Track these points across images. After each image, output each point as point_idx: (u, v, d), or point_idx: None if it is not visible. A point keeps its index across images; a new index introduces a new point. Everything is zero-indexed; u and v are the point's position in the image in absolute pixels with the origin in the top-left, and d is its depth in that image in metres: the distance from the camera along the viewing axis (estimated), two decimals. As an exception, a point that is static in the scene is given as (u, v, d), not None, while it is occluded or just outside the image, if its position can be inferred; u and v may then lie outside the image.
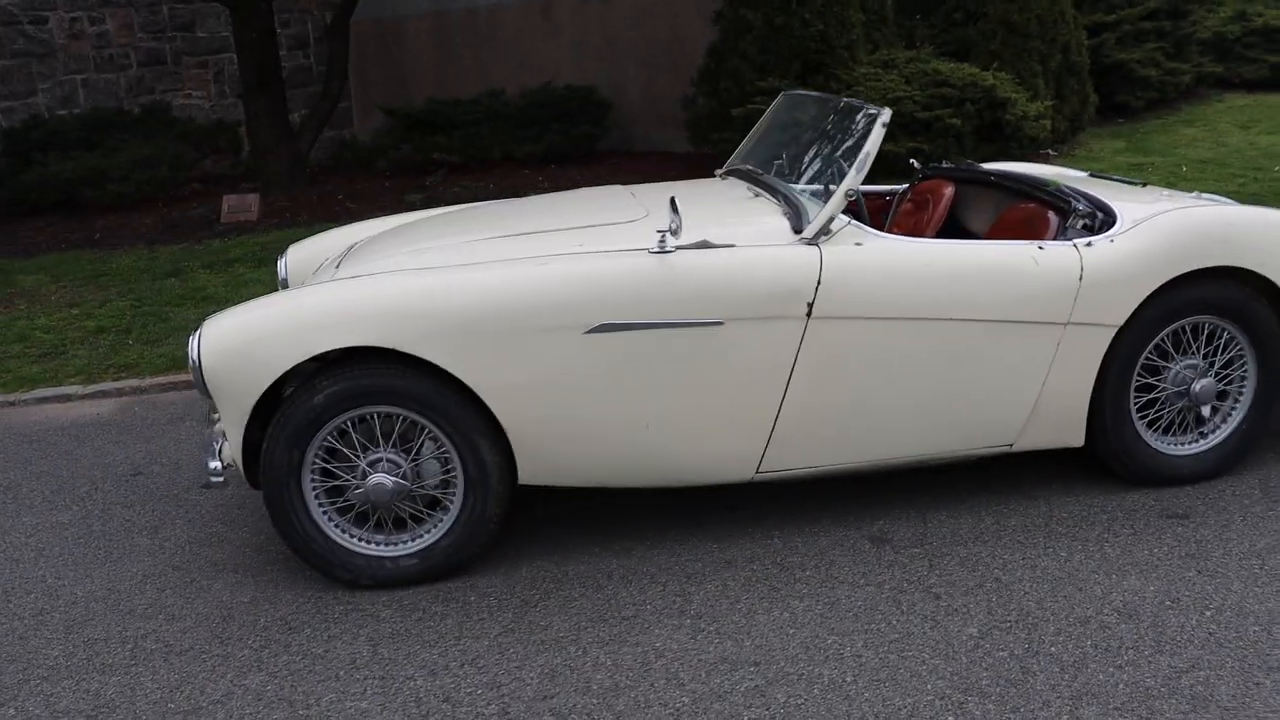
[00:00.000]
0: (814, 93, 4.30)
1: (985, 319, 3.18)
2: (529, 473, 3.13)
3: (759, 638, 2.79)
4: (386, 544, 3.14)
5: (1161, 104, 10.50)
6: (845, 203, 3.15)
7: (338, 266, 3.46)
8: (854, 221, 3.22)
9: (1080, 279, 3.21)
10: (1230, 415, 3.48)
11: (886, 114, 3.22)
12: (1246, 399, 3.45)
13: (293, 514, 3.05)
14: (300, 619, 2.99)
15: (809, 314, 3.06)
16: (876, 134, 3.19)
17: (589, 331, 2.98)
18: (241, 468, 3.10)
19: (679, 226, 3.02)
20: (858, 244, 3.15)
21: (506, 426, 3.03)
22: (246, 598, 3.13)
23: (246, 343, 2.97)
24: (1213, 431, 3.49)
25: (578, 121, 10.01)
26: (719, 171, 4.15)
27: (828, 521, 3.40)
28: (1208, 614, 2.76)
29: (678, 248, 3.06)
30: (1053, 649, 2.66)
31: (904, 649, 2.71)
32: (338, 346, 2.92)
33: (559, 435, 3.07)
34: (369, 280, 3.08)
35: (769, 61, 8.30)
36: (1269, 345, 3.41)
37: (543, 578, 3.16)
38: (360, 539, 3.13)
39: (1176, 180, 7.65)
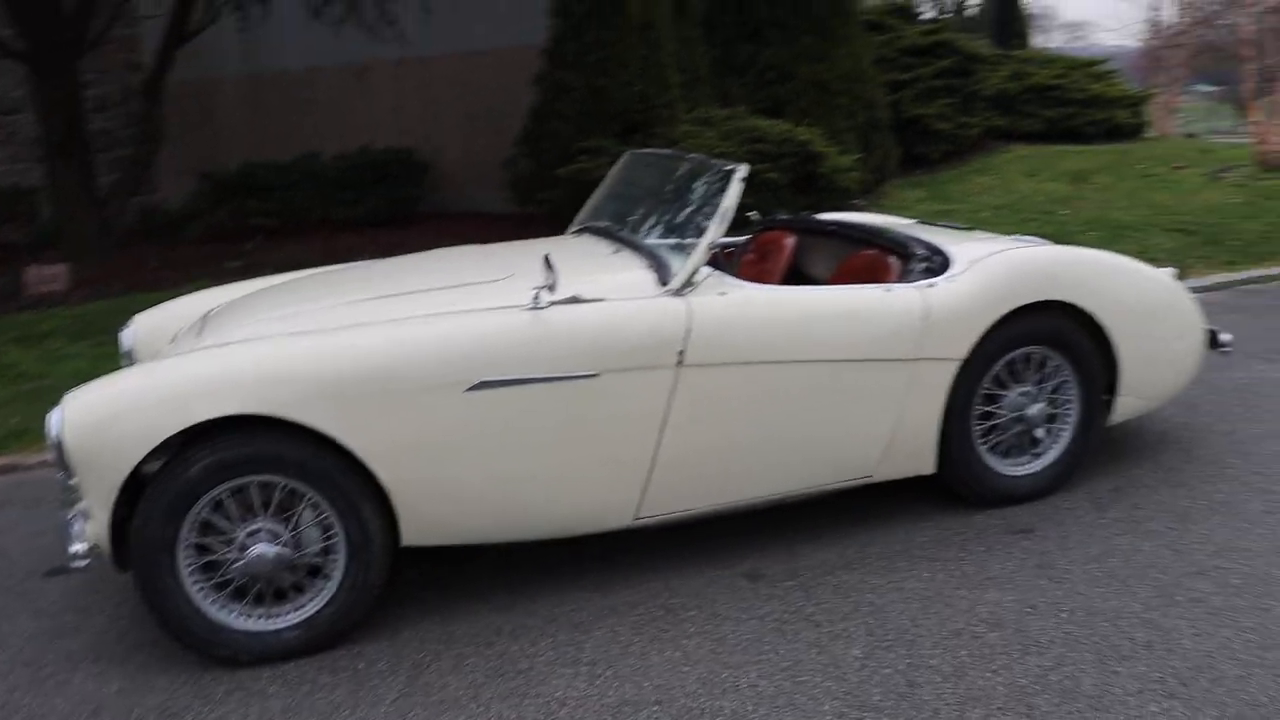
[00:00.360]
0: (663, 150, 4.47)
1: (842, 359, 3.39)
2: (412, 534, 3.10)
3: (656, 678, 2.85)
4: (267, 617, 3.03)
5: (955, 155, 11.40)
6: (709, 255, 3.31)
7: (200, 335, 3.35)
8: (716, 272, 3.38)
9: (925, 318, 3.47)
10: (1060, 436, 3.81)
11: (744, 169, 3.41)
12: (1073, 421, 3.80)
13: (168, 593, 2.91)
14: (179, 705, 2.84)
15: (680, 362, 3.18)
16: (735, 188, 3.37)
17: (470, 389, 3.00)
18: (109, 549, 2.93)
19: (555, 283, 3.10)
20: (721, 293, 3.31)
21: (390, 489, 3.00)
22: (114, 688, 2.94)
23: (114, 415, 2.83)
24: (1046, 452, 3.81)
25: (397, 184, 9.95)
26: (571, 229, 4.24)
27: (702, 562, 3.50)
28: (1063, 616, 3.02)
29: (551, 303, 3.13)
30: (932, 661, 2.84)
31: (796, 675, 2.82)
32: (216, 415, 2.83)
33: (443, 495, 3.07)
34: (245, 346, 3.00)
35: (590, 122, 8.53)
36: (1089, 371, 3.77)
37: (429, 639, 3.12)
38: (239, 614, 3.01)
39: (976, 225, 8.29)
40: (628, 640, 3.06)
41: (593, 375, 3.11)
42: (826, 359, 3.37)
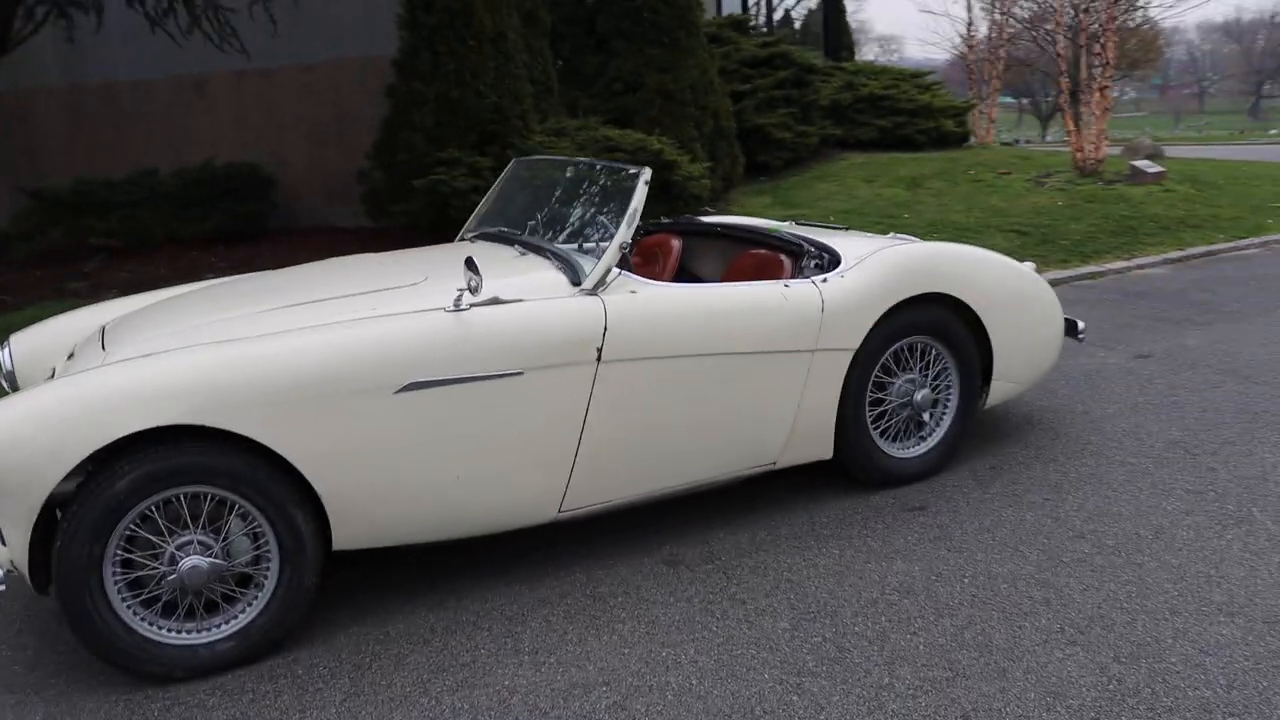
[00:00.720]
0: (551, 157, 4.57)
1: (747, 351, 3.58)
2: (344, 538, 3.09)
3: (599, 660, 2.95)
4: (199, 630, 2.96)
5: (796, 163, 11.92)
6: (620, 255, 3.44)
7: (104, 349, 3.23)
8: (624, 272, 3.51)
9: (822, 310, 3.70)
10: (943, 420, 4.12)
11: (647, 173, 3.56)
12: (954, 405, 4.11)
13: (95, 613, 2.81)
14: (114, 728, 2.76)
15: (599, 359, 3.29)
16: (641, 191, 3.51)
17: (399, 391, 3.03)
18: (26, 572, 2.81)
19: (479, 285, 3.16)
20: (632, 291, 3.43)
21: (322, 493, 2.99)
22: (38, 717, 2.82)
23: (32, 433, 2.71)
24: (930, 435, 4.11)
25: (243, 199, 9.64)
26: (463, 235, 4.26)
27: (622, 551, 3.62)
28: (966, 581, 3.29)
29: (472, 305, 3.19)
30: (856, 628, 3.04)
31: (731, 649, 2.98)
32: (149, 426, 2.75)
33: (374, 497, 3.07)
34: (171, 356, 2.92)
35: (445, 133, 8.52)
36: (967, 358, 4.09)
37: (366, 641, 3.12)
38: (169, 629, 2.93)
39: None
40: (563, 629, 3.14)
41: (517, 374, 3.18)
42: (733, 351, 3.55)
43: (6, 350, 3.81)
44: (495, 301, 3.24)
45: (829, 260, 3.95)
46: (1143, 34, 27.47)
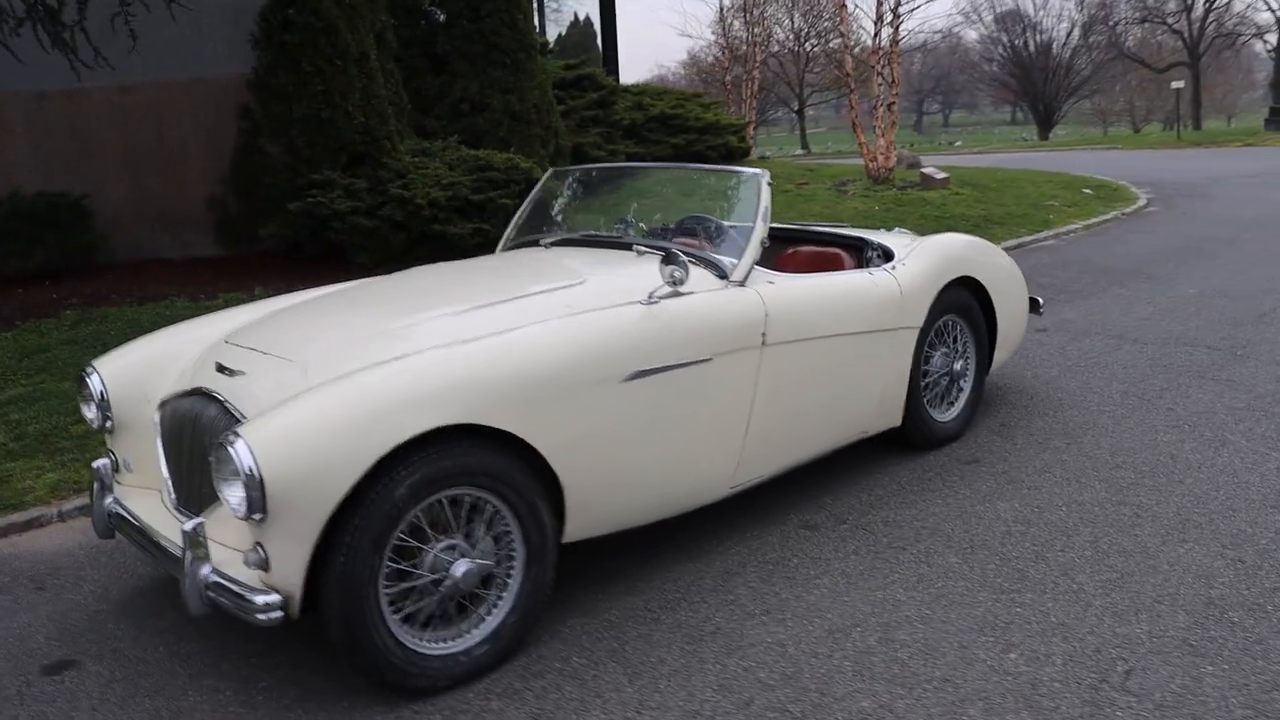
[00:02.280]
0: (584, 166, 4.74)
1: (856, 331, 3.99)
2: (574, 529, 3.18)
3: (829, 610, 3.23)
4: (455, 638, 2.95)
5: (611, 181, 12.39)
6: (760, 251, 3.73)
7: (278, 357, 3.10)
8: (758, 265, 3.80)
9: (900, 293, 4.17)
10: (963, 387, 4.70)
11: (767, 175, 3.88)
12: (972, 373, 4.71)
13: (374, 630, 2.75)
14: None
15: (763, 343, 3.58)
16: (768, 191, 3.82)
17: (626, 380, 3.18)
18: (299, 593, 2.70)
19: (684, 278, 3.35)
20: (770, 282, 3.75)
21: (565, 484, 3.07)
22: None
23: (319, 443, 2.63)
24: (957, 400, 4.67)
25: (69, 232, 8.79)
26: (544, 241, 4.32)
27: (758, 525, 3.87)
28: (1064, 509, 3.89)
29: (661, 298, 3.38)
30: (1014, 555, 3.54)
31: (931, 584, 3.36)
32: (427, 428, 2.74)
33: (603, 485, 3.19)
34: (428, 357, 2.90)
35: (316, 154, 8.28)
36: (980, 331, 4.70)
37: (594, 629, 3.20)
38: (429, 640, 2.90)
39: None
40: (770, 591, 3.39)
41: (707, 360, 3.41)
42: (847, 332, 3.95)
43: (96, 376, 3.54)
44: (675, 294, 3.43)
45: (884, 252, 4.42)
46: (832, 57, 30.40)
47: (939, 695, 2.78)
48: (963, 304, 4.59)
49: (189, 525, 2.78)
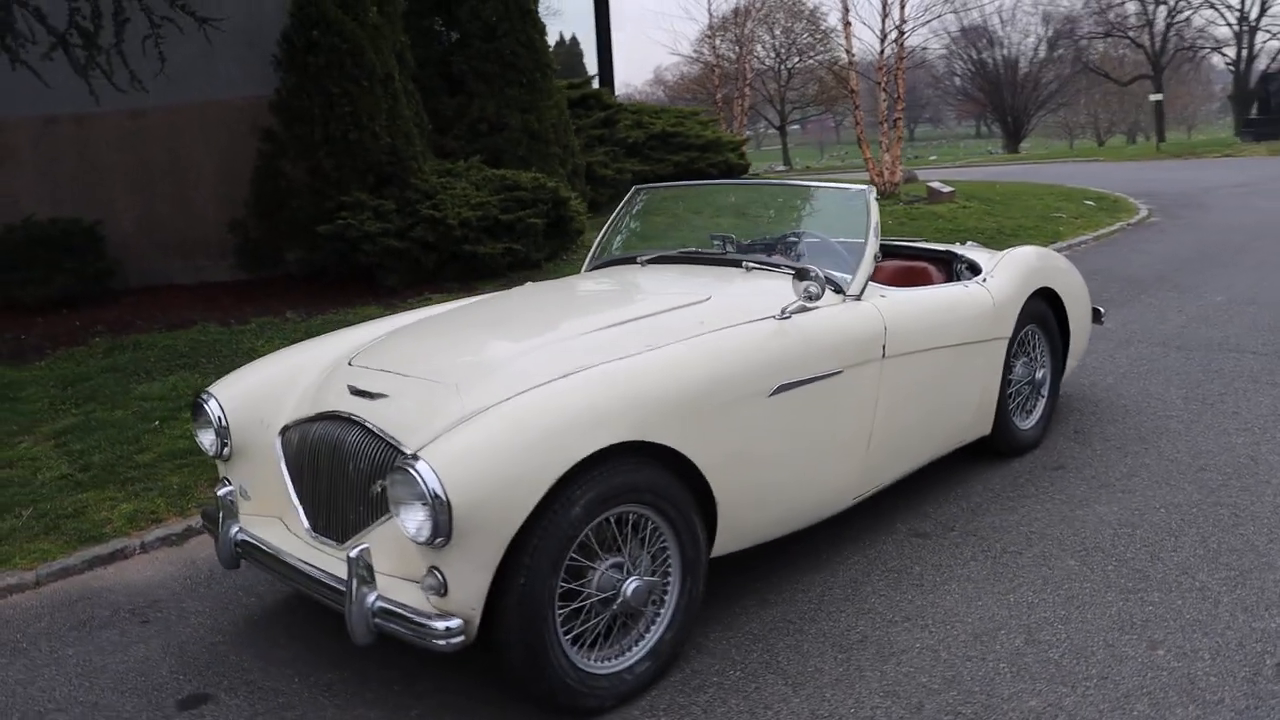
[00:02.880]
0: (672, 183, 4.79)
1: (957, 343, 4.06)
2: (722, 543, 3.21)
3: (968, 615, 3.29)
4: (617, 656, 2.96)
5: (618, 198, 12.40)
6: (874, 266, 3.79)
7: (435, 380, 3.08)
8: (870, 280, 3.86)
9: (993, 305, 4.25)
10: (1042, 394, 4.79)
11: (873, 190, 3.94)
12: (1048, 381, 4.80)
13: (552, 651, 2.76)
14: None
15: (883, 355, 3.64)
16: (874, 205, 3.89)
17: (771, 394, 3.22)
18: (479, 616, 2.69)
19: (820, 293, 3.40)
20: (882, 296, 3.81)
21: (719, 498, 3.10)
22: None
23: (502, 464, 2.64)
24: (1035, 408, 4.76)
25: (84, 258, 8.68)
26: (641, 259, 4.34)
27: (869, 534, 3.93)
28: (1163, 511, 3.99)
29: (792, 313, 3.43)
30: (1128, 555, 3.63)
31: (1058, 586, 3.44)
32: (601, 446, 2.75)
33: (752, 498, 3.23)
34: (594, 375, 2.92)
35: (344, 176, 8.25)
36: (1056, 340, 4.80)
37: (739, 641, 3.24)
38: (595, 660, 2.91)
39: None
40: (901, 598, 3.44)
41: (838, 372, 3.46)
42: (949, 344, 4.02)
43: (215, 402, 3.50)
44: (803, 309, 3.48)
45: (971, 265, 4.51)
46: (837, 71, 30.81)
47: (1102, 692, 2.84)
48: (1041, 314, 4.68)
49: (354, 552, 2.73)
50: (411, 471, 2.59)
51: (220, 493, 3.38)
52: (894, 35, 11.81)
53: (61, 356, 7.12)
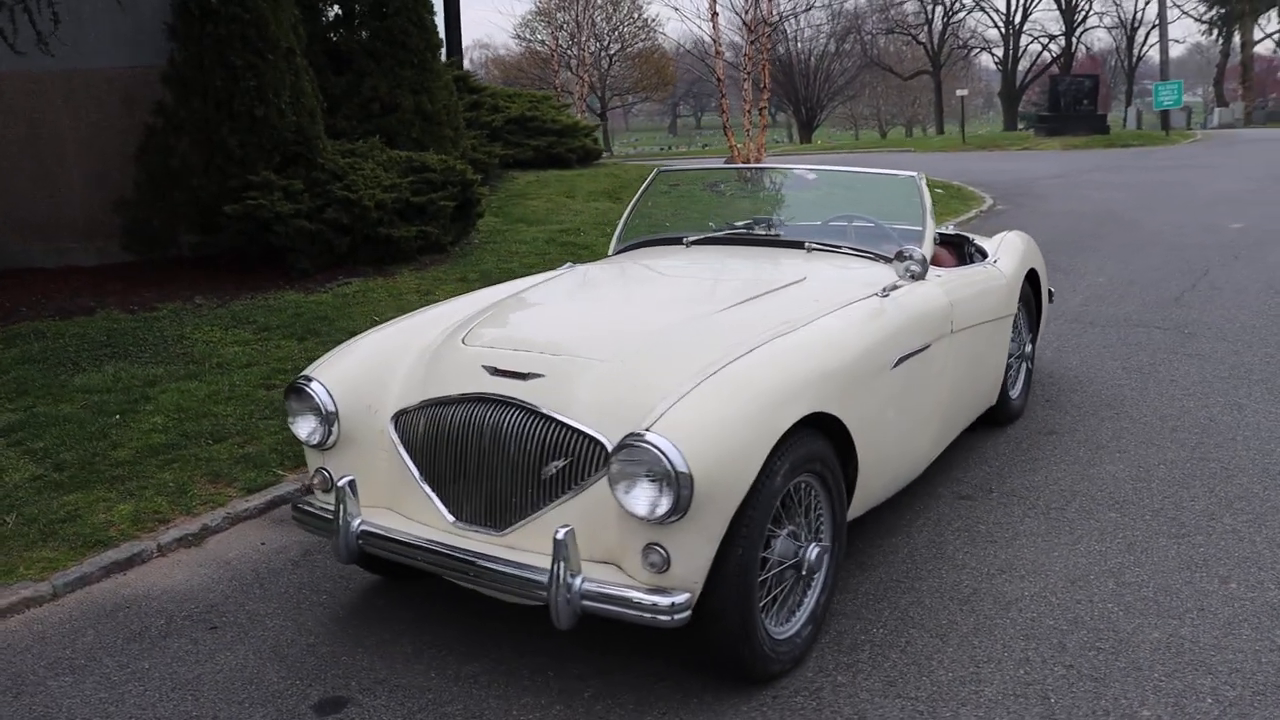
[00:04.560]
0: (690, 167, 4.90)
1: (989, 319, 4.41)
2: (853, 510, 3.38)
3: (1049, 567, 3.62)
4: (787, 621, 3.08)
5: (484, 182, 12.23)
6: (933, 246, 4.06)
7: (593, 358, 3.08)
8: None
9: (1005, 285, 4.63)
10: (1029, 367, 5.24)
11: (923, 175, 4.20)
12: (1029, 353, 5.25)
13: (758, 620, 2.86)
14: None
15: (951, 330, 3.92)
16: (925, 189, 4.15)
17: (894, 366, 3.43)
18: (700, 590, 2.75)
19: (921, 273, 3.62)
20: (938, 275, 4.09)
21: (861, 465, 3.27)
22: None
23: (729, 437, 2.71)
24: (1017, 378, 5.19)
25: (-60, 237, 7.82)
26: (687, 240, 4.43)
27: (921, 499, 4.21)
28: (1168, 467, 4.49)
29: (889, 290, 3.65)
30: (1154, 507, 4.08)
31: (1115, 534, 3.84)
32: (798, 418, 2.87)
33: (879, 465, 3.41)
34: (777, 350, 3.02)
35: (250, 154, 7.81)
36: (1033, 317, 5.26)
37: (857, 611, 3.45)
38: (774, 626, 3.02)
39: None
40: (986, 553, 3.74)
41: (928, 346, 3.71)
42: (986, 320, 4.37)
43: (320, 387, 3.33)
44: (892, 290, 3.70)
45: (979, 248, 4.87)
46: (655, 60, 31.28)
47: (1207, 622, 3.23)
48: (1025, 293, 5.11)
49: (559, 534, 2.71)
50: (649, 448, 2.61)
51: (341, 483, 3.22)
52: (762, 29, 12.25)
53: (-53, 349, 6.42)
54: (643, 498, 2.65)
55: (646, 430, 2.66)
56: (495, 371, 3.14)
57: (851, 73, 45.22)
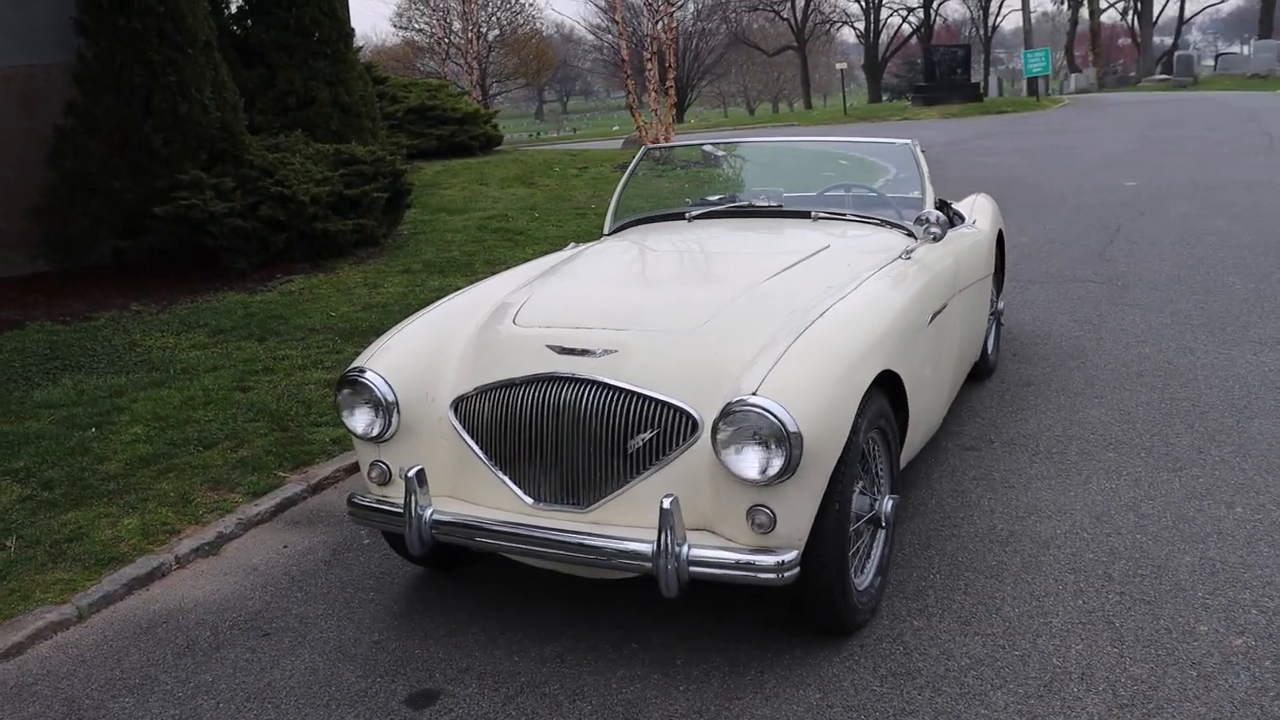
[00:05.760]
0: (675, 144, 4.97)
1: (980, 278, 4.64)
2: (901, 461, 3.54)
3: (1078, 500, 3.87)
4: (858, 574, 3.20)
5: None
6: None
7: (663, 330, 3.13)
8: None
9: (986, 246, 4.87)
10: (1001, 323, 5.51)
11: (917, 142, 4.38)
12: (997, 310, 5.52)
13: (849, 571, 2.98)
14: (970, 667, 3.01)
15: (957, 290, 4.13)
16: (920, 155, 4.33)
17: (929, 323, 3.61)
18: (803, 547, 2.85)
19: (941, 234, 3.79)
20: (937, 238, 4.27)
21: (911, 418, 3.42)
22: (812, 690, 2.93)
23: (827, 395, 2.81)
24: (988, 337, 5.43)
25: None
26: (689, 214, 4.49)
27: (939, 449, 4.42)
28: (1140, 410, 4.78)
29: (910, 254, 3.81)
30: (1177, 453, 4.36)
31: (1144, 489, 4.10)
32: (875, 375, 3.00)
33: (919, 420, 3.58)
34: (843, 312, 3.13)
35: (176, 153, 7.50)
36: (998, 275, 5.52)
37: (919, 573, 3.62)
38: (857, 575, 3.15)
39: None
40: (1009, 498, 3.95)
41: (946, 304, 3.90)
42: (978, 279, 4.60)
43: (377, 377, 3.28)
44: (908, 255, 3.86)
45: (955, 213, 5.09)
46: (536, 45, 30.95)
47: (1226, 543, 3.51)
48: (995, 252, 5.37)
49: (665, 503, 2.76)
50: (759, 411, 2.68)
51: (410, 473, 3.17)
52: (662, 9, 12.36)
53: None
54: (753, 460, 2.73)
55: (752, 394, 2.74)
56: (561, 350, 3.14)
57: (719, 51, 45.93)
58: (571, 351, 3.12)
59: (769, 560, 2.78)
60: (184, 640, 3.49)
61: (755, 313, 3.21)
